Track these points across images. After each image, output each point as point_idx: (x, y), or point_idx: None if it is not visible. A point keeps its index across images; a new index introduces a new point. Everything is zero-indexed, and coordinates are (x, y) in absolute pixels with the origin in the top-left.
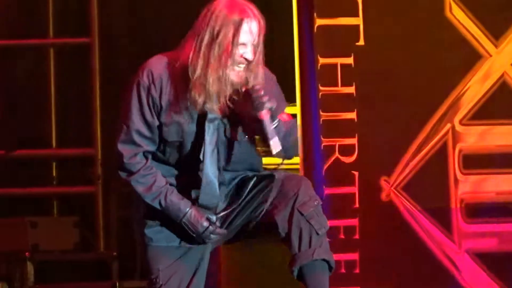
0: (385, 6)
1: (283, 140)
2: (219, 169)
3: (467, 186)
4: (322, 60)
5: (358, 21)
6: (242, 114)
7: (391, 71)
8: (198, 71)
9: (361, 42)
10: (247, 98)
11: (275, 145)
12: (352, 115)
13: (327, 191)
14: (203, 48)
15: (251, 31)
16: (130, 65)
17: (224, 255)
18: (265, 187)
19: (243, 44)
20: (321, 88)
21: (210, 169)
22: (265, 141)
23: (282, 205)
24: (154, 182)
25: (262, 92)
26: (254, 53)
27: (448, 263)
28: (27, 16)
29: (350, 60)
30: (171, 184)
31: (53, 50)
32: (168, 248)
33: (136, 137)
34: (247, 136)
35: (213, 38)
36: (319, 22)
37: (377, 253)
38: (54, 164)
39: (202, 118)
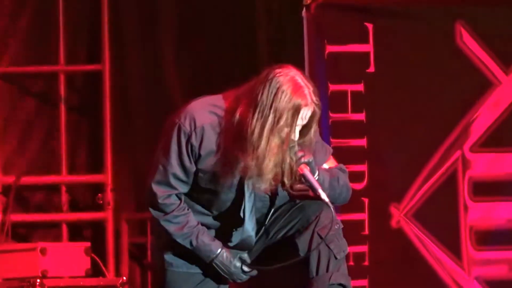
0: (395, 33)
1: (329, 188)
2: (257, 224)
3: (476, 213)
4: (332, 87)
5: (369, 48)
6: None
7: (401, 98)
8: (259, 150)
9: (372, 69)
10: None
11: (323, 195)
12: (362, 142)
13: (337, 217)
14: (266, 129)
15: (305, 117)
16: (142, 93)
17: None
18: (287, 211)
19: (297, 125)
20: (331, 114)
21: (249, 225)
22: (314, 193)
23: (303, 228)
24: (187, 223)
25: (297, 148)
26: (303, 134)
27: None
28: (38, 42)
29: (360, 87)
30: (203, 225)
31: (64, 76)
32: (187, 274)
33: (173, 180)
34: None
35: (276, 121)
36: (329, 48)
37: (386, 279)
38: (64, 190)
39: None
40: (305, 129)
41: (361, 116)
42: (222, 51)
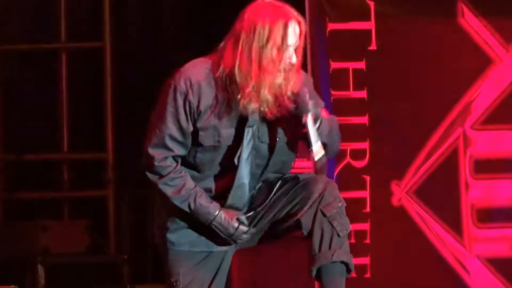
0: (397, 11)
1: (328, 137)
2: (251, 173)
3: (478, 191)
4: (334, 65)
5: (370, 25)
6: (284, 118)
7: (402, 75)
8: (252, 78)
9: (373, 46)
10: (292, 102)
11: (318, 150)
12: (364, 120)
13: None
14: (253, 56)
15: (295, 33)
16: (143, 69)
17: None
18: (291, 188)
19: (289, 46)
20: (332, 92)
21: (243, 172)
22: (308, 146)
23: (307, 205)
24: (184, 185)
25: (308, 96)
26: (297, 56)
27: (458, 268)
28: (39, 20)
29: (362, 65)
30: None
31: (65, 54)
32: (189, 252)
33: (169, 142)
34: (286, 141)
35: (263, 44)
36: (331, 26)
37: (388, 257)
38: (65, 167)
39: (240, 122)
40: (298, 47)
41: (362, 94)
42: (223, 27)
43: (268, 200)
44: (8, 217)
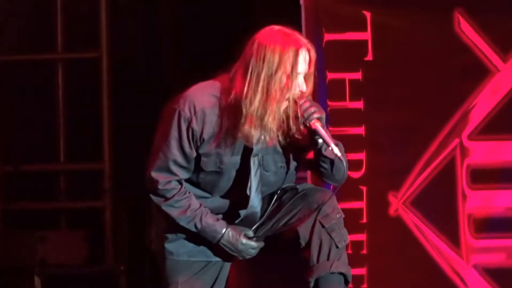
0: (393, 21)
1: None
2: (262, 199)
3: (475, 201)
4: (330, 75)
5: (367, 36)
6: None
7: (399, 86)
8: (256, 104)
9: (369, 57)
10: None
11: (336, 149)
12: (360, 130)
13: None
14: (261, 83)
15: (305, 61)
16: (140, 79)
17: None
18: (289, 199)
19: (299, 73)
20: (329, 103)
21: (255, 201)
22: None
23: (305, 216)
24: (189, 206)
25: (309, 104)
26: (307, 83)
27: (456, 278)
28: (36, 30)
29: (358, 75)
30: (205, 206)
31: (62, 64)
32: (188, 262)
33: (173, 167)
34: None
35: (272, 73)
36: (327, 37)
37: (385, 268)
38: (63, 178)
39: (246, 151)
40: (307, 75)
41: (359, 104)
42: (220, 38)
43: (267, 211)
44: (5, 228)
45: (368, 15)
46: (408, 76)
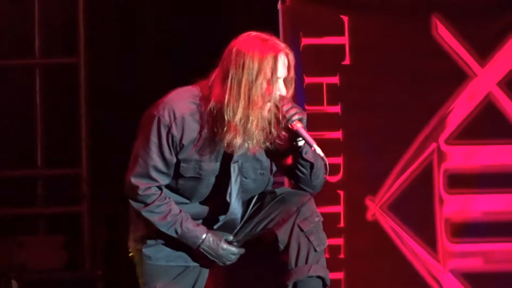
0: (371, 26)
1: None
2: (242, 205)
3: (452, 206)
4: (308, 79)
5: (344, 40)
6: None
7: (376, 90)
8: (240, 112)
9: (347, 61)
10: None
11: (319, 150)
12: (338, 134)
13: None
14: (243, 90)
15: (284, 65)
16: (117, 86)
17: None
18: (268, 203)
19: (279, 78)
20: (306, 107)
21: (235, 207)
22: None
23: (284, 220)
24: (170, 211)
25: (290, 105)
26: (287, 87)
27: (433, 283)
28: (14, 35)
29: (336, 80)
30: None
31: (39, 70)
32: (166, 267)
33: (153, 173)
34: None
35: (253, 79)
36: (305, 41)
37: (362, 272)
38: (40, 183)
39: (226, 158)
40: (287, 79)
41: (336, 109)
42: (198, 42)
43: (246, 215)
44: None
45: (345, 19)
46: (385, 80)
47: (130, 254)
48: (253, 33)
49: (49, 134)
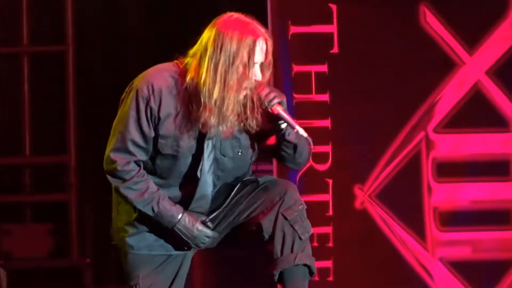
0: (359, 14)
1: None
2: (213, 185)
3: (440, 194)
4: (296, 68)
5: (333, 28)
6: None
7: (365, 79)
8: (216, 94)
9: (335, 49)
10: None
11: (301, 130)
12: (326, 123)
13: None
14: (219, 72)
15: (262, 51)
16: (105, 73)
17: (197, 261)
18: (251, 192)
19: (255, 63)
20: (295, 95)
21: (205, 184)
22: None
23: (267, 209)
24: (147, 189)
25: (268, 89)
26: (263, 73)
27: (421, 271)
28: (1, 23)
29: (324, 68)
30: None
31: (27, 57)
32: (148, 256)
33: (131, 147)
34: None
35: (230, 62)
36: (293, 29)
37: (350, 260)
38: (28, 171)
39: (201, 135)
40: (263, 65)
41: (325, 97)
42: (185, 31)
43: (227, 203)
44: None
45: (334, 8)
46: (374, 69)
47: (113, 243)
48: (235, 15)
49: (37, 122)
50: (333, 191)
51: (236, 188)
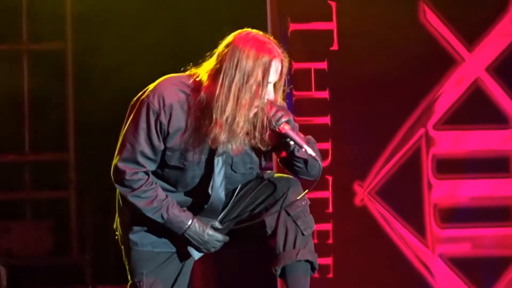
0: (359, 11)
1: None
2: (225, 197)
3: (440, 191)
4: (296, 65)
5: (332, 26)
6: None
7: (364, 76)
8: (228, 112)
9: (335, 46)
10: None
11: (309, 150)
12: (326, 120)
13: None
14: (233, 90)
15: (277, 71)
16: (105, 71)
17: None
18: (254, 188)
19: (269, 83)
20: (294, 92)
21: (217, 199)
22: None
23: (271, 204)
24: (156, 197)
25: (276, 108)
26: (276, 93)
27: (421, 268)
28: (1, 21)
29: (324, 65)
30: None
31: (27, 55)
32: (152, 253)
33: (140, 158)
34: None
35: (244, 80)
36: (293, 26)
37: (350, 257)
38: (28, 168)
39: (211, 151)
40: (277, 84)
41: (324, 94)
42: (187, 31)
43: (232, 200)
44: None
45: (333, 5)
46: (373, 66)
47: (117, 238)
48: (253, 32)
49: (37, 119)
50: (333, 188)
51: (239, 186)
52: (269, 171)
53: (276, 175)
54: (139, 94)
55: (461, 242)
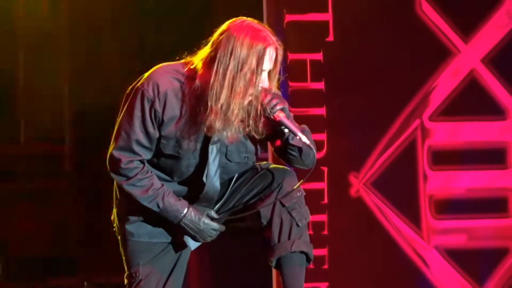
0: (354, 2)
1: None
2: (221, 187)
3: (436, 182)
4: (291, 56)
5: (328, 17)
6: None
7: (360, 67)
8: (222, 99)
9: (331, 38)
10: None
11: (304, 137)
12: (322, 111)
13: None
14: (227, 77)
15: (271, 59)
16: (101, 60)
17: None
18: (250, 178)
19: (263, 71)
20: (290, 83)
21: (212, 188)
22: (294, 135)
23: (266, 195)
24: (152, 185)
25: (270, 96)
26: (270, 81)
27: (417, 259)
28: None
29: (319, 56)
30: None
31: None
32: (149, 244)
33: (135, 147)
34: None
35: (239, 68)
36: (288, 17)
37: (346, 248)
38: (22, 159)
39: (205, 139)
40: (272, 73)
41: (320, 85)
42: (181, 25)
43: (228, 190)
44: None
45: None
46: (369, 57)
47: (113, 229)
48: (248, 20)
49: (32, 111)
50: (328, 179)
51: (235, 176)
52: (264, 162)
53: (272, 166)
54: (134, 83)
55: (457, 234)
